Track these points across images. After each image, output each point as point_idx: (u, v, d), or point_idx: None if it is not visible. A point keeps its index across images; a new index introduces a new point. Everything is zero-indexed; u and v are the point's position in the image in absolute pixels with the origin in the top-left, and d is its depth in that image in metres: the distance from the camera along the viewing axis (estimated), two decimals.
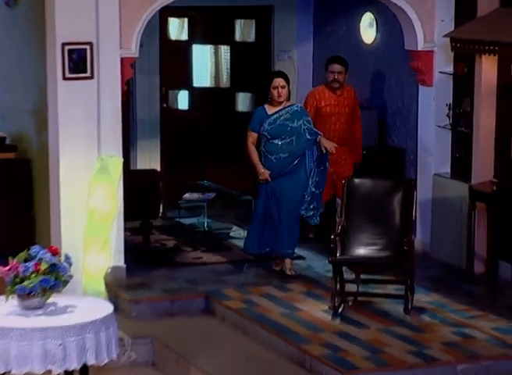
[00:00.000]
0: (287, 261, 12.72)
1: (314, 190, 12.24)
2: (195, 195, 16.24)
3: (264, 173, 11.68)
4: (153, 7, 13.20)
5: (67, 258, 9.38)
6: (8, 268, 9.06)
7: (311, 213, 12.33)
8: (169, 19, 17.09)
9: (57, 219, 13.01)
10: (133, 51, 13.19)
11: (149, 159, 16.60)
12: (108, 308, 9.70)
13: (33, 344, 8.85)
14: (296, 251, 13.78)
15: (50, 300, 9.27)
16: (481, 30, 13.25)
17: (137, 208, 14.29)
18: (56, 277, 9.12)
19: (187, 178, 16.57)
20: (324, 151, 12.12)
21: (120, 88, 13.24)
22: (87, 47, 12.66)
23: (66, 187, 12.86)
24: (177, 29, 17.32)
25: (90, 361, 9.17)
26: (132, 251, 14.02)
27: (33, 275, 9.04)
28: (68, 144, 12.76)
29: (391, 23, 14.85)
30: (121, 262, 13.35)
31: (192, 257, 14.75)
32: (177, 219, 16.26)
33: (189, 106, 17.76)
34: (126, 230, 13.69)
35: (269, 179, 11.80)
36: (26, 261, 9.11)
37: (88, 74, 12.81)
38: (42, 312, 9.18)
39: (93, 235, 12.76)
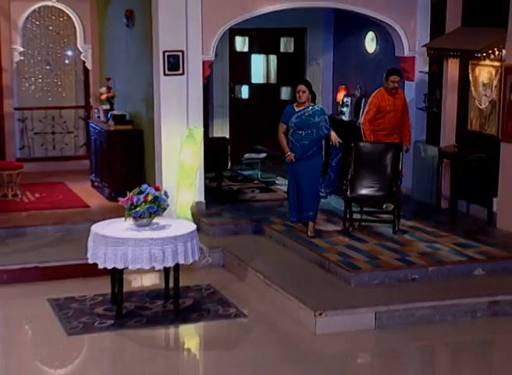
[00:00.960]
0: (310, 224, 12.12)
1: (331, 174, 12.04)
2: (252, 155, 16.30)
3: (290, 154, 11.50)
4: (224, 27, 13.53)
5: (165, 193, 10.12)
6: (126, 199, 9.79)
7: (322, 191, 12.00)
8: (236, 37, 17.21)
9: (159, 168, 13.57)
10: (211, 56, 13.53)
11: (221, 130, 16.83)
12: (193, 226, 10.43)
13: (143, 250, 9.62)
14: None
15: (154, 220, 10.07)
16: (448, 42, 13.61)
17: (213, 163, 14.63)
18: (158, 205, 9.87)
19: (247, 143, 16.65)
20: (334, 144, 11.78)
21: (202, 82, 13.63)
22: (180, 53, 13.20)
23: (165, 147, 13.42)
24: (241, 43, 17.39)
25: (181, 261, 9.94)
26: (209, 191, 14.26)
27: (143, 203, 9.77)
28: (166, 119, 13.34)
29: (386, 39, 14.93)
30: (202, 199, 13.78)
31: (249, 196, 15.06)
32: (239, 171, 16.38)
33: (248, 96, 17.82)
34: (205, 178, 13.94)
35: (293, 159, 11.57)
36: (138, 194, 9.84)
37: (180, 72, 13.31)
38: (148, 229, 9.96)
39: (183, 180, 13.18)
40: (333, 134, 11.56)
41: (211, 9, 13.40)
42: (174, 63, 13.38)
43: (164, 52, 13.33)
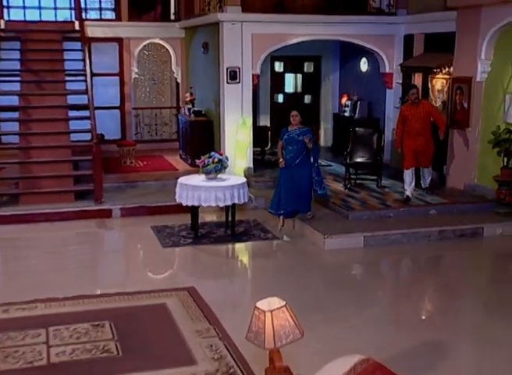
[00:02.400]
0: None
1: (315, 177, 10.48)
2: None
3: (281, 161, 10.40)
4: (266, 52, 13.38)
5: (226, 157, 10.16)
6: (200, 161, 9.87)
7: (323, 191, 10.65)
8: (275, 61, 16.90)
9: (223, 144, 13.37)
10: (257, 71, 13.41)
11: (265, 121, 16.58)
12: (244, 180, 10.47)
13: (211, 193, 9.75)
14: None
15: (219, 175, 10.05)
16: (415, 62, 13.61)
17: (259, 142, 14.46)
18: (221, 165, 9.91)
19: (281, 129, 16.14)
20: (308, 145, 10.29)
21: (251, 88, 13.46)
22: (237, 69, 13.11)
23: (227, 131, 13.36)
24: (278, 66, 17.09)
25: (236, 201, 10.01)
26: (256, 160, 14.01)
27: (211, 164, 9.85)
28: (228, 112, 13.25)
29: (373, 61, 14.72)
30: (251, 165, 13.56)
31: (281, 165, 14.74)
32: (275, 149, 15.80)
33: (282, 100, 17.44)
34: (253, 152, 13.80)
35: (284, 165, 10.35)
36: (208, 158, 9.89)
37: (237, 81, 13.18)
38: (215, 180, 9.99)
39: (238, 152, 13.18)
40: (305, 139, 10.17)
41: (258, 41, 13.30)
42: (233, 75, 13.28)
43: (227, 68, 13.26)
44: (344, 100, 16.54)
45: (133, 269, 9.62)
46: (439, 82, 13.15)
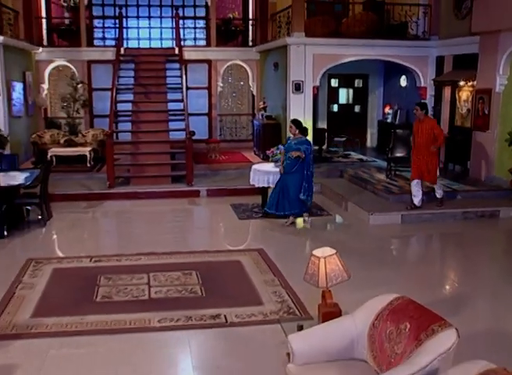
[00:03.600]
0: (291, 218, 9.49)
1: (305, 184, 9.18)
2: (337, 139, 15.90)
3: (280, 169, 9.24)
4: (324, 68, 13.32)
5: None
6: (270, 151, 9.92)
7: (304, 197, 9.25)
8: (331, 78, 16.53)
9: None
10: (317, 84, 13.34)
11: (321, 124, 16.14)
12: None
13: (277, 177, 9.42)
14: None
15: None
16: (445, 77, 13.23)
17: (317, 141, 14.09)
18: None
19: (335, 132, 15.98)
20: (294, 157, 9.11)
21: (311, 97, 13.37)
22: (301, 82, 13.04)
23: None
24: (333, 82, 16.68)
25: None
26: (314, 156, 12.99)
27: (279, 154, 9.76)
28: (293, 116, 12.23)
29: (411, 77, 14.38)
30: None
31: (335, 159, 14.31)
32: (330, 148, 15.63)
33: (337, 109, 17.07)
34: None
35: (281, 172, 9.18)
36: (276, 149, 9.92)
37: (301, 91, 13.09)
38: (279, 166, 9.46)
39: None
40: (293, 153, 9.08)
41: (317, 60, 13.26)
42: (298, 87, 13.23)
43: (292, 81, 13.23)
44: (387, 109, 16.27)
45: (215, 234, 9.73)
46: (465, 93, 12.80)
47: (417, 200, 9.82)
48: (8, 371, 4.67)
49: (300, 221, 9.77)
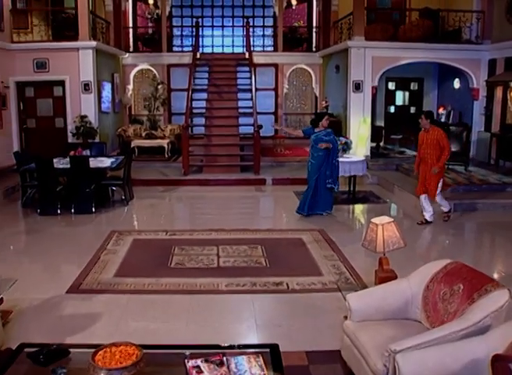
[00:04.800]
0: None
1: (328, 172, 8.48)
2: (394, 136, 15.45)
3: (327, 145, 8.38)
4: (382, 70, 13.03)
5: (351, 141, 10.06)
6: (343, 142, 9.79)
7: (329, 186, 8.56)
8: (388, 81, 16.03)
9: (349, 136, 12.50)
10: (376, 84, 13.04)
11: (380, 122, 15.69)
12: (363, 158, 10.11)
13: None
14: None
15: (345, 154, 9.73)
16: (496, 78, 12.72)
17: (375, 138, 14.06)
18: (347, 146, 9.72)
19: (392, 130, 15.57)
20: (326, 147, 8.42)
21: (370, 96, 13.07)
22: (360, 81, 12.72)
23: (352, 128, 12.98)
24: (390, 85, 16.05)
25: (356, 173, 9.78)
26: (372, 152, 13.47)
27: (340, 144, 9.28)
28: (353, 113, 12.97)
29: (464, 79, 13.82)
30: (368, 154, 13.02)
31: (391, 155, 14.02)
32: (387, 146, 15.27)
33: (394, 110, 16.59)
34: (371, 147, 13.44)
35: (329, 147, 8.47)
36: (338, 140, 9.60)
37: (361, 91, 12.83)
38: (341, 157, 9.37)
39: (359, 142, 12.66)
40: (323, 144, 8.36)
41: (376, 62, 12.98)
42: (357, 86, 12.98)
43: (353, 81, 12.99)
44: (441, 110, 15.70)
45: (279, 216, 9.59)
46: None
47: (428, 215, 8.44)
48: (93, 318, 4.87)
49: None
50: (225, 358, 3.20)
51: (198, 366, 3.11)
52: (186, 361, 3.19)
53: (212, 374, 3.05)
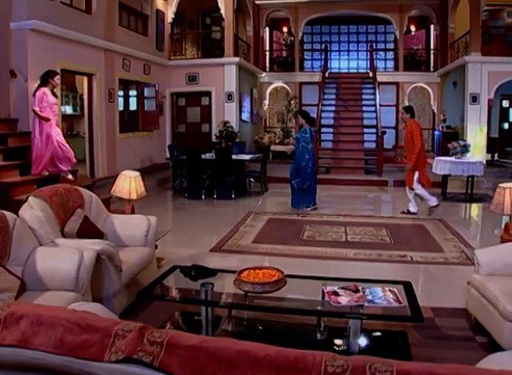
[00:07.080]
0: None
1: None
2: (508, 149, 14.25)
3: None
4: (498, 84, 12.17)
5: (469, 144, 9.43)
6: (451, 144, 9.33)
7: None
8: (503, 100, 14.92)
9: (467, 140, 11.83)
10: (491, 96, 12.24)
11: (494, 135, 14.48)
12: (480, 160, 10.24)
13: (458, 166, 9.01)
14: None
15: (463, 156, 9.13)
16: None
17: (490, 149, 13.03)
18: (465, 148, 9.20)
19: (506, 144, 14.49)
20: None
21: (487, 108, 12.23)
22: (477, 95, 12.12)
23: (469, 137, 11.97)
24: (505, 102, 15.02)
25: (473, 173, 9.13)
26: (487, 162, 12.45)
27: (459, 147, 9.18)
28: (470, 124, 12.23)
29: None
30: (484, 160, 11.84)
31: (507, 165, 12.65)
32: (500, 158, 13.70)
33: (508, 127, 15.52)
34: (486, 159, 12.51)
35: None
36: (457, 143, 9.33)
37: (477, 102, 12.16)
38: (461, 159, 9.07)
39: (476, 149, 11.64)
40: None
41: (492, 76, 12.26)
42: (474, 99, 12.31)
43: (470, 94, 12.36)
44: None
45: (401, 210, 8.87)
46: None
47: (432, 200, 7.71)
48: (231, 269, 4.92)
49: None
50: (360, 287, 3.13)
51: (335, 292, 3.07)
52: (323, 287, 3.16)
53: (348, 298, 2.99)
